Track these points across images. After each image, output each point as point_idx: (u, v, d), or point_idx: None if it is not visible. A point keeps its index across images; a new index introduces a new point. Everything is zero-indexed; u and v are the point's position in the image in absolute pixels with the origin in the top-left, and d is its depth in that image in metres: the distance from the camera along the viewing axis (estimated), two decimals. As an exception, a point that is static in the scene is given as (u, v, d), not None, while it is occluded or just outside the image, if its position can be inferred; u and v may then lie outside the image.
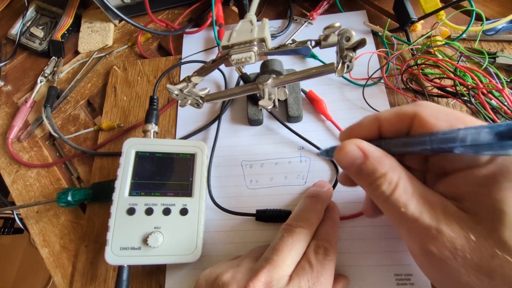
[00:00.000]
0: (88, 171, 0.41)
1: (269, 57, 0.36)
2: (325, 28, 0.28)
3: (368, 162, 0.19)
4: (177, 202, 0.32)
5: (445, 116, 0.19)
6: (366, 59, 0.41)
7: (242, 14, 0.45)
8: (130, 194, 0.32)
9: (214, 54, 0.46)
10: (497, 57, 0.38)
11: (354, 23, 0.45)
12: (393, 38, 0.41)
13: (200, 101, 0.34)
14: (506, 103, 0.32)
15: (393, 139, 0.21)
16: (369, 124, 0.22)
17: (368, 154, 0.20)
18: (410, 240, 0.20)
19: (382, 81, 0.39)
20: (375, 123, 0.21)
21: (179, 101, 0.34)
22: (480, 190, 0.17)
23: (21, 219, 0.42)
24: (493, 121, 0.32)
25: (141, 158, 0.34)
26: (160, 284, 0.33)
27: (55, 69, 0.49)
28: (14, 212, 0.43)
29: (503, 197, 0.16)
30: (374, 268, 0.31)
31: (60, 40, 0.50)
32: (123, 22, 0.52)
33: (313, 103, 0.39)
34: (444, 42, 0.40)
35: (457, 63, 0.35)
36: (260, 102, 0.32)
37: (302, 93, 0.39)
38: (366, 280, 0.30)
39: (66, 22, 0.50)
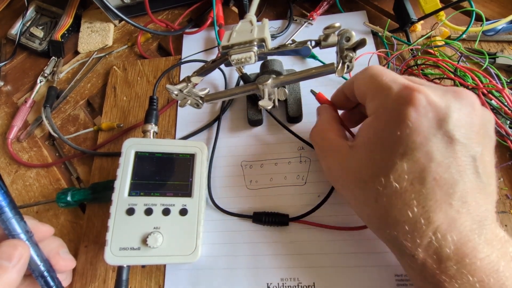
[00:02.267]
0: (87, 171, 0.41)
1: (269, 58, 0.36)
2: (325, 29, 0.28)
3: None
4: (176, 203, 0.32)
5: (364, 86, 0.25)
6: (366, 60, 0.41)
7: (242, 14, 0.45)
8: (130, 194, 0.32)
9: (214, 54, 0.46)
10: (497, 57, 0.38)
11: (354, 24, 0.45)
12: (393, 38, 0.41)
13: (200, 101, 0.34)
14: (506, 103, 0.32)
15: None
16: (339, 94, 0.31)
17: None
18: None
19: (382, 81, 0.39)
20: (342, 94, 0.30)
21: (179, 102, 0.34)
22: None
23: (20, 219, 0.41)
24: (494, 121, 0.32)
25: (141, 158, 0.34)
26: (160, 284, 0.33)
27: (55, 69, 0.49)
28: (14, 212, 0.43)
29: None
30: (374, 269, 0.31)
31: (60, 40, 0.50)
32: (123, 22, 0.52)
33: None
34: (444, 43, 0.40)
35: (457, 63, 0.35)
36: (260, 102, 0.32)
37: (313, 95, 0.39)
38: (367, 280, 0.30)
39: (66, 22, 0.50)
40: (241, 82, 0.42)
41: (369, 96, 0.24)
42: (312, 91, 0.33)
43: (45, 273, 0.27)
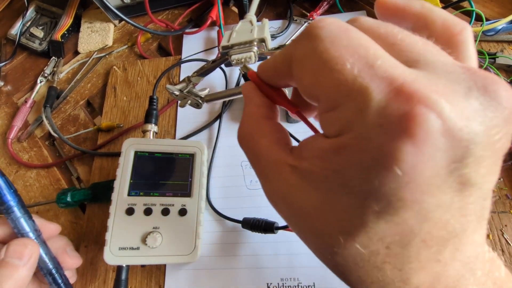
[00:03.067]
0: (87, 171, 0.41)
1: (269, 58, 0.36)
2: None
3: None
4: (176, 203, 0.32)
5: (310, 79, 0.14)
6: (366, 60, 0.41)
7: (242, 14, 0.45)
8: (129, 194, 0.32)
9: (214, 54, 0.46)
10: (497, 57, 0.38)
11: (354, 24, 0.44)
12: (393, 38, 0.41)
13: (200, 101, 0.34)
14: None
15: None
16: (269, 72, 0.18)
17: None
18: None
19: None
20: (274, 73, 0.18)
21: (179, 102, 0.34)
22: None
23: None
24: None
25: (140, 158, 0.34)
26: (160, 284, 0.33)
27: (55, 69, 0.49)
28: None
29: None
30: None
31: (60, 40, 0.50)
32: (123, 22, 0.52)
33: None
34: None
35: (457, 64, 0.35)
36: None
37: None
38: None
39: (66, 22, 0.50)
40: (242, 82, 0.42)
41: (322, 100, 0.14)
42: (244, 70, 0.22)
43: (53, 271, 0.27)
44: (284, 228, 0.32)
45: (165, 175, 0.34)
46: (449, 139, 0.11)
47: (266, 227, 0.33)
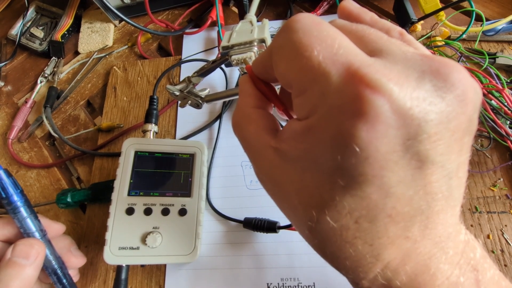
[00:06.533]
0: (88, 172, 0.41)
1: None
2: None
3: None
4: (176, 203, 0.32)
5: (284, 66, 0.15)
6: (366, 60, 0.41)
7: (242, 14, 0.45)
8: (129, 194, 0.32)
9: (214, 55, 0.46)
10: (497, 57, 0.38)
11: (354, 24, 0.44)
12: (393, 38, 0.41)
13: (200, 101, 0.34)
14: (506, 103, 0.32)
15: None
16: (258, 66, 0.20)
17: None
18: None
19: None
20: (262, 67, 0.19)
21: (179, 102, 0.34)
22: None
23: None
24: (494, 121, 0.32)
25: (141, 158, 0.34)
26: (160, 284, 0.33)
27: (55, 69, 0.49)
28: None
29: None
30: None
31: (60, 40, 0.50)
32: (123, 22, 0.52)
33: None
34: (444, 43, 0.40)
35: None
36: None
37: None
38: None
39: (66, 22, 0.50)
40: (241, 82, 0.42)
41: (294, 86, 0.15)
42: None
43: (58, 270, 0.28)
44: (286, 227, 0.32)
45: (165, 175, 0.34)
46: (400, 118, 0.12)
47: (268, 226, 0.33)
